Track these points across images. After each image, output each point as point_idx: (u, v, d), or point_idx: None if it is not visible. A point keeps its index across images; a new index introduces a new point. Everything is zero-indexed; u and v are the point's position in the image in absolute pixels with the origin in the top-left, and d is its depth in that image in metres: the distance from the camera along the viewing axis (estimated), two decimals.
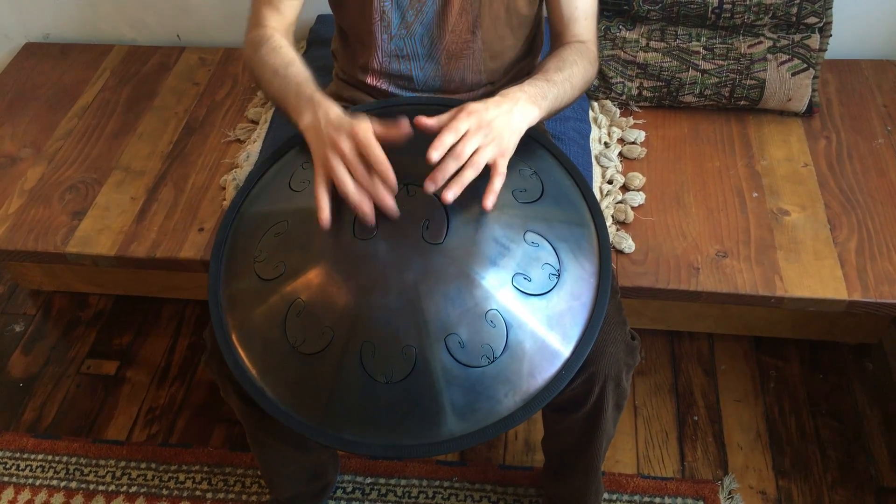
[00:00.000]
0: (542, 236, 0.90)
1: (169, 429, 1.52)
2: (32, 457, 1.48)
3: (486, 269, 0.85)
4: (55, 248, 1.31)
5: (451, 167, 0.83)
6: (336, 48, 1.22)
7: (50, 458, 1.48)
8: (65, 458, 1.48)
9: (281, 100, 0.96)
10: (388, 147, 0.95)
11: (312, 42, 1.60)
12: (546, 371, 0.86)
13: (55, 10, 1.75)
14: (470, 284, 0.85)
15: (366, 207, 0.84)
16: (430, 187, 0.83)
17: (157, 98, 1.59)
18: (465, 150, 0.84)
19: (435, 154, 0.82)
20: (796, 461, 1.39)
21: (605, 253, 0.93)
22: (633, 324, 1.03)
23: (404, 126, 0.85)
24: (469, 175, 0.84)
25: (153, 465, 1.45)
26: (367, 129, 0.84)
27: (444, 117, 0.87)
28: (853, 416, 1.44)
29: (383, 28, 1.07)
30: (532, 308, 0.86)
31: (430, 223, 0.87)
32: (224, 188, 1.38)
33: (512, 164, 0.96)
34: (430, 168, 0.84)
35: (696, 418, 1.46)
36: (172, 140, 1.49)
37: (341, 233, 0.88)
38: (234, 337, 0.90)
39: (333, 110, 0.89)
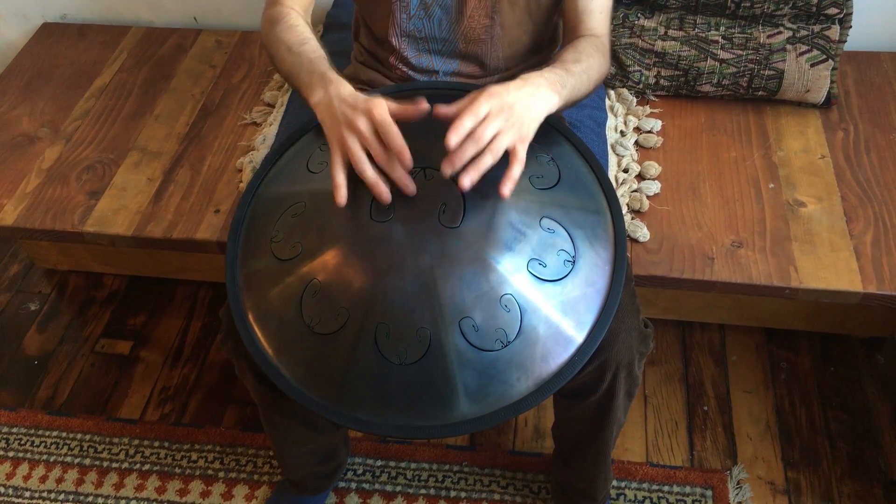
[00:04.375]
0: (558, 223, 0.90)
1: (182, 409, 1.53)
2: (47, 433, 1.50)
3: (502, 253, 0.86)
4: (72, 228, 1.32)
5: (469, 151, 0.81)
6: (356, 29, 1.22)
7: (64, 435, 1.50)
8: (79, 436, 1.50)
9: (293, 76, 0.96)
10: (405, 128, 0.96)
11: (329, 26, 1.60)
12: (559, 356, 0.86)
13: None
14: (485, 269, 0.85)
15: (383, 187, 0.84)
16: (448, 170, 0.82)
17: (174, 80, 1.60)
18: (486, 133, 0.82)
19: (454, 137, 0.80)
20: (805, 453, 1.39)
21: (621, 241, 0.93)
22: (645, 313, 1.03)
23: (421, 104, 0.85)
24: (488, 160, 0.82)
25: (166, 444, 1.47)
26: (383, 107, 0.84)
27: (463, 101, 0.85)
28: (863, 409, 1.44)
29: (402, 8, 1.07)
30: (546, 294, 0.86)
31: (447, 207, 0.87)
32: (240, 170, 1.38)
33: (529, 151, 0.96)
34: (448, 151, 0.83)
35: (705, 408, 1.46)
36: (189, 122, 1.50)
37: (358, 215, 0.88)
38: (250, 316, 0.91)
39: (345, 87, 0.89)
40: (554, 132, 1.02)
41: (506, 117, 0.83)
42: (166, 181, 1.38)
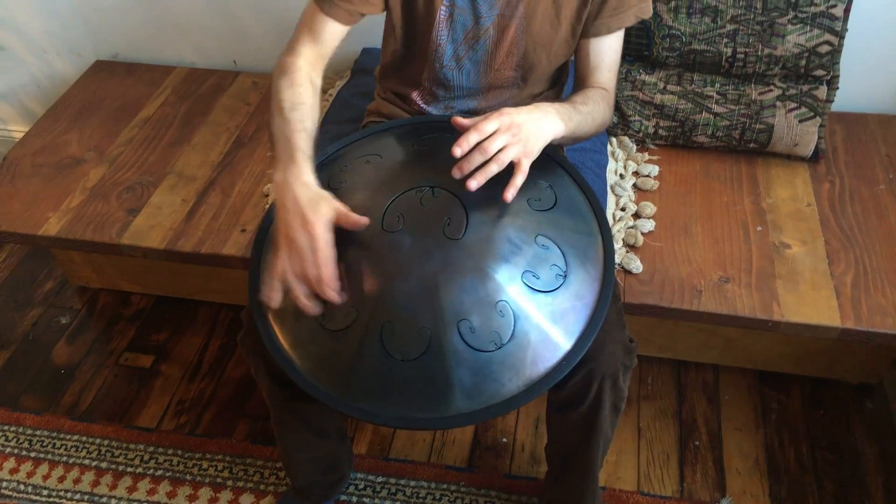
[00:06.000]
0: (552, 240, 0.99)
1: (196, 420, 1.61)
2: (68, 437, 1.59)
3: (499, 264, 0.95)
4: (110, 240, 1.43)
5: (476, 159, 0.94)
6: (379, 73, 1.33)
7: (84, 439, 1.58)
8: (98, 440, 1.58)
9: (273, 140, 1.03)
10: (423, 153, 1.05)
11: (357, 71, 1.74)
12: (548, 360, 0.94)
13: (125, 32, 1.91)
14: (484, 277, 0.94)
15: (310, 310, 0.93)
16: (457, 174, 0.94)
17: (212, 115, 1.73)
18: (492, 146, 0.94)
19: (458, 150, 0.93)
20: (793, 490, 1.44)
21: (610, 261, 1.02)
22: (641, 351, 1.11)
23: (362, 220, 0.94)
24: (493, 169, 0.94)
25: (179, 452, 1.55)
26: (326, 242, 0.91)
27: (479, 118, 0.97)
28: (851, 452, 1.49)
29: (436, 58, 1.17)
30: (539, 303, 0.95)
31: (451, 221, 0.97)
32: (267, 195, 1.50)
33: (530, 178, 1.06)
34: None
35: (697, 443, 1.52)
36: (223, 151, 1.63)
37: (371, 225, 0.98)
38: (269, 315, 1.01)
39: (303, 186, 0.94)
40: (555, 165, 1.12)
41: (513, 133, 0.96)
42: (199, 202, 1.50)
